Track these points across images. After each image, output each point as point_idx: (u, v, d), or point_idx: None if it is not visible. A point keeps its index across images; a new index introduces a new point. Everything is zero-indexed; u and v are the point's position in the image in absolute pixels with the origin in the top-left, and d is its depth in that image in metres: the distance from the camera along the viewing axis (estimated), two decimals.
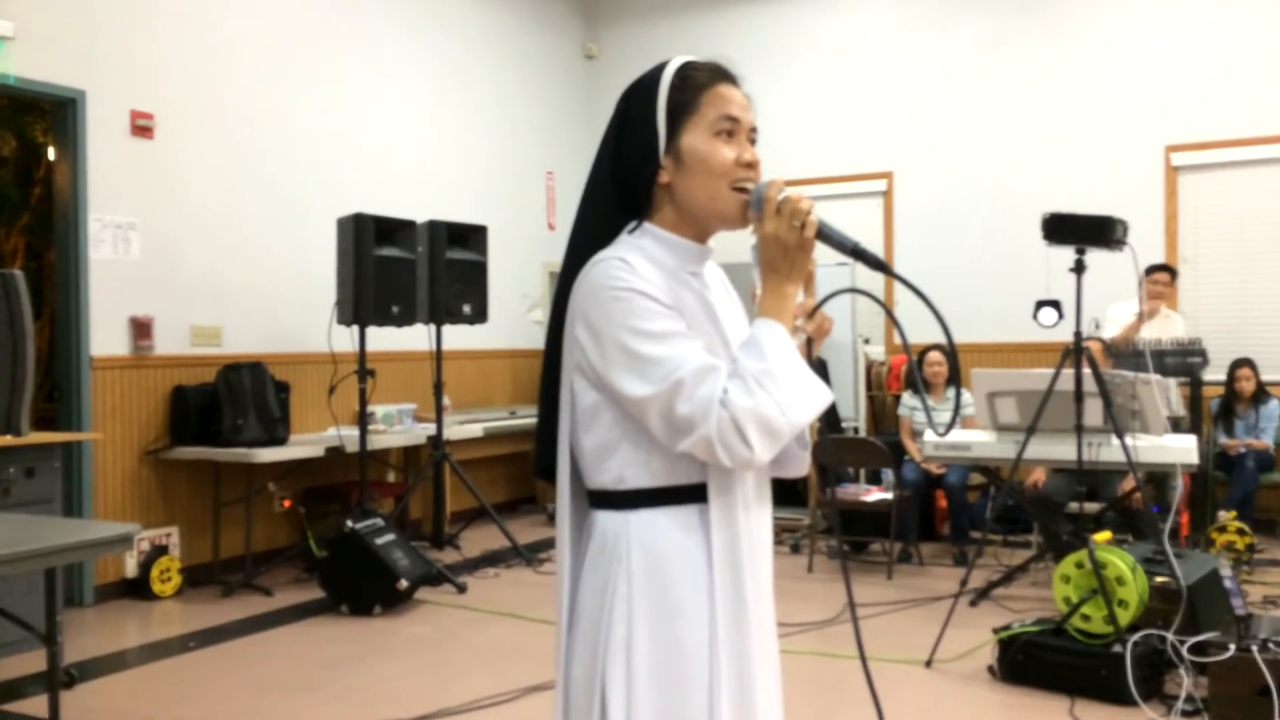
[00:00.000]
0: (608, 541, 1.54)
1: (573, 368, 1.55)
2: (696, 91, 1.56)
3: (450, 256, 6.40)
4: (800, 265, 1.52)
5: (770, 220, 1.50)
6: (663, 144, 1.55)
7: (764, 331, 1.48)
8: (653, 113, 1.56)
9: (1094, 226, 4.47)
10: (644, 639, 1.49)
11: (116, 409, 5.59)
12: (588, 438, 1.55)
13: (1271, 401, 6.82)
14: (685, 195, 1.55)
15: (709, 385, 1.42)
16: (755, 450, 1.41)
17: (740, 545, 1.53)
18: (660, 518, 1.52)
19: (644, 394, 1.44)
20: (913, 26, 8.28)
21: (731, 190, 1.54)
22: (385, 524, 5.50)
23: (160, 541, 5.73)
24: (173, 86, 5.91)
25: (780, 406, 1.42)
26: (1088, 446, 4.84)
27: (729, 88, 1.57)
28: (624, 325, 1.45)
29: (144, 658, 4.62)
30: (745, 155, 1.55)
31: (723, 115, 1.54)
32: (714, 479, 1.52)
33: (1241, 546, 5.72)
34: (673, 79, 1.57)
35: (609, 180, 1.61)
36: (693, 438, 1.42)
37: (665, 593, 1.50)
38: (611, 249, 1.54)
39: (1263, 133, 7.16)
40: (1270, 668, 3.47)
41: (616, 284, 1.47)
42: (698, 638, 1.50)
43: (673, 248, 1.58)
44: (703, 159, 1.53)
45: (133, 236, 5.70)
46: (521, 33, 8.71)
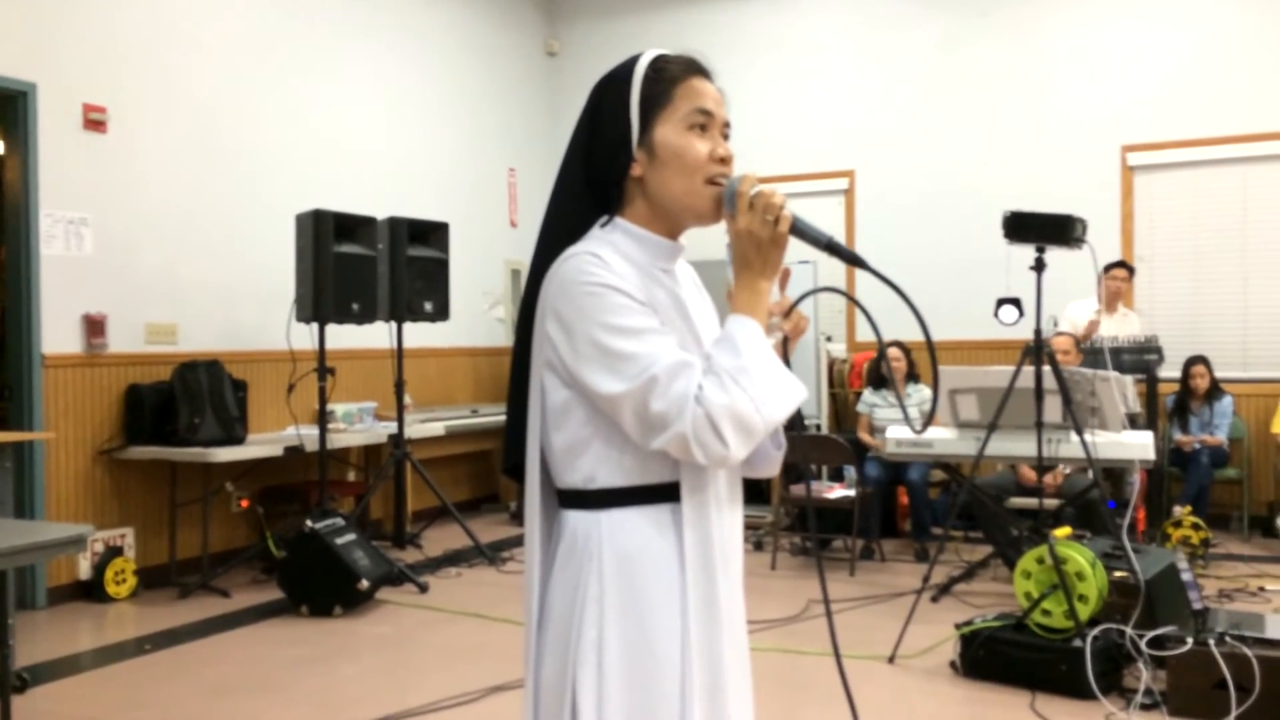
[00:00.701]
0: (578, 541, 1.52)
1: (543, 364, 1.52)
2: (670, 84, 1.54)
3: (411, 253, 6.34)
4: (774, 261, 1.50)
5: (743, 215, 1.48)
6: (635, 137, 1.53)
7: (738, 327, 1.46)
8: (625, 105, 1.54)
9: (1054, 225, 4.51)
10: (615, 640, 1.47)
11: (69, 408, 5.48)
12: (558, 436, 1.52)
13: (1225, 398, 6.92)
14: (658, 189, 1.54)
15: (683, 381, 1.40)
16: (731, 447, 1.40)
17: (713, 545, 1.51)
18: (632, 517, 1.50)
19: (617, 391, 1.42)
20: (874, 26, 8.33)
21: (705, 184, 1.52)
22: (345, 524, 5.44)
23: (115, 543, 5.63)
24: (127, 79, 5.80)
25: (755, 403, 1.40)
26: (1047, 443, 4.89)
27: (702, 81, 1.56)
28: (597, 321, 1.43)
29: (98, 661, 4.53)
30: (719, 150, 1.54)
31: (696, 109, 1.53)
32: (686, 478, 1.50)
33: (1196, 541, 5.81)
34: (646, 71, 1.55)
35: (580, 174, 1.59)
36: (667, 435, 1.41)
37: (636, 593, 1.48)
38: (583, 244, 1.52)
39: (1216, 133, 7.27)
40: (1227, 661, 3.52)
41: (589, 279, 1.45)
42: (669, 639, 1.48)
43: (644, 244, 1.56)
44: (676, 152, 1.52)
45: (85, 232, 5.59)
46: (483, 29, 8.66)
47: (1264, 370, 7.16)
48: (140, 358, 5.81)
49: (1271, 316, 7.17)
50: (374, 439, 6.62)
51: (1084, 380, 5.14)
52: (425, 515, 7.31)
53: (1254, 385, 7.14)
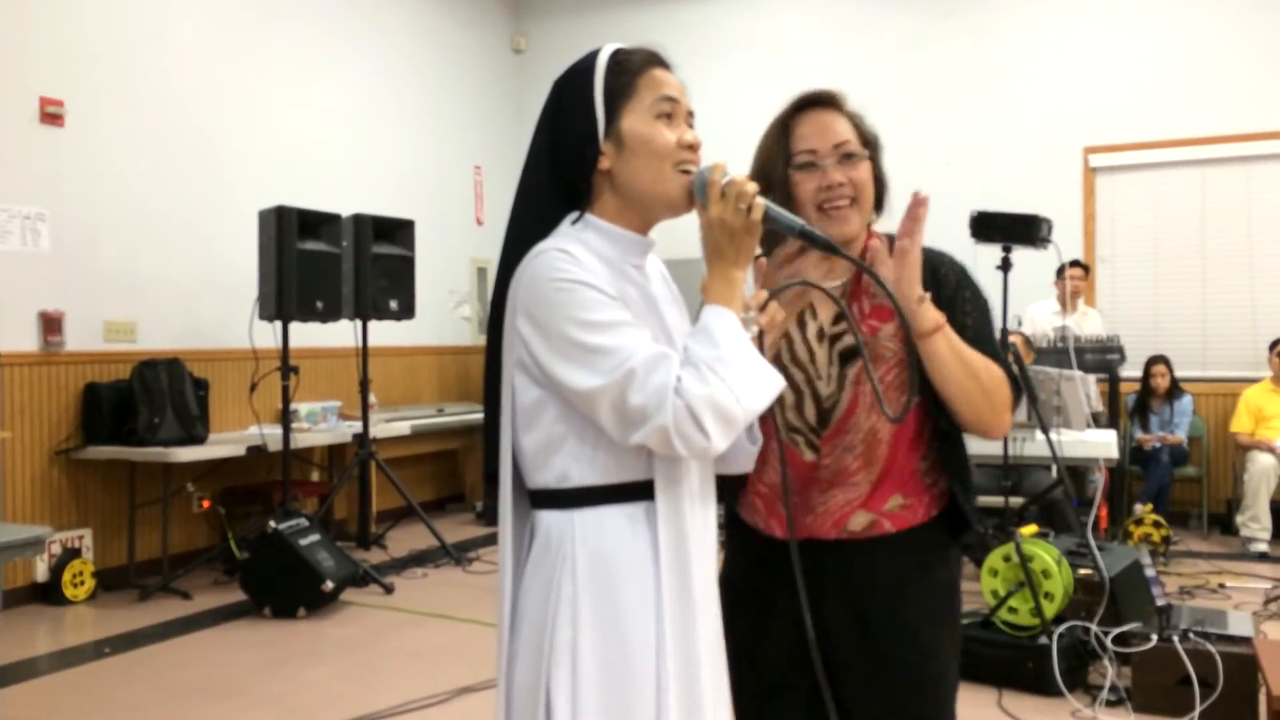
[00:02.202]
0: (551, 542, 1.50)
1: (514, 364, 1.50)
2: (633, 75, 1.53)
3: (376, 251, 6.28)
4: (747, 249, 1.49)
5: (715, 205, 1.47)
6: (602, 129, 1.51)
7: (714, 318, 1.45)
8: (590, 98, 1.52)
9: (1020, 225, 4.55)
10: (590, 641, 1.45)
11: (25, 407, 5.37)
12: (529, 436, 1.50)
13: (1185, 397, 7.02)
14: (628, 180, 1.52)
15: (662, 374, 1.39)
16: (712, 438, 1.38)
17: (688, 543, 1.50)
18: (606, 516, 1.48)
19: (594, 385, 1.40)
20: (838, 28, 8.36)
21: (675, 172, 1.51)
22: (309, 524, 5.37)
23: (72, 544, 5.52)
24: (86, 72, 5.69)
25: (735, 393, 1.39)
26: (1012, 442, 4.93)
27: (664, 71, 1.55)
28: (569, 317, 1.41)
29: (56, 665, 4.45)
30: (687, 136, 1.53)
31: (661, 97, 1.52)
32: (660, 475, 1.48)
33: (1158, 538, 5.88)
34: (607, 64, 1.53)
35: (545, 171, 1.56)
36: (647, 428, 1.39)
37: (611, 594, 1.46)
38: (551, 240, 1.50)
39: (1177, 135, 7.36)
40: (1191, 657, 3.56)
41: (559, 275, 1.43)
42: (644, 639, 1.46)
43: (614, 239, 1.54)
44: (645, 140, 1.50)
45: (42, 228, 5.48)
46: (449, 26, 8.59)
47: (1222, 370, 7.26)
48: (98, 356, 5.71)
49: (1230, 317, 7.28)
50: (338, 438, 6.55)
51: (1049, 379, 5.19)
52: (390, 515, 7.25)
53: (1213, 384, 7.24)
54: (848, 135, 1.81)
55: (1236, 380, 7.10)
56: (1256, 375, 6.94)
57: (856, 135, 1.82)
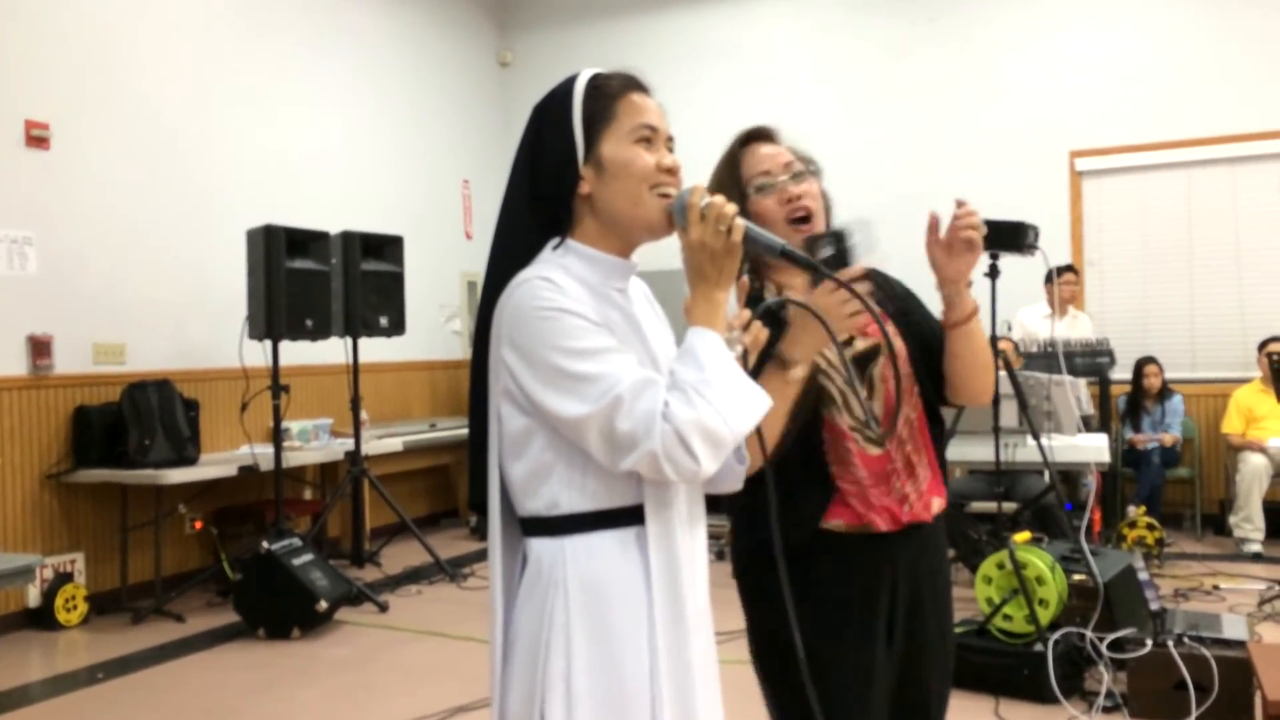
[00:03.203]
0: (543, 569, 1.49)
1: (500, 393, 1.50)
2: (611, 100, 1.53)
3: (365, 268, 6.28)
4: (729, 271, 1.49)
5: (695, 227, 1.47)
6: (581, 154, 1.52)
7: (698, 340, 1.45)
8: (569, 123, 1.52)
9: (1007, 232, 4.52)
10: (583, 669, 1.45)
11: (15, 431, 5.35)
12: (518, 465, 1.50)
13: (1175, 397, 7.04)
14: (608, 204, 1.52)
15: (649, 399, 1.39)
16: (701, 462, 1.38)
17: (679, 565, 1.50)
18: (596, 542, 1.48)
19: (582, 413, 1.40)
20: (824, 34, 8.38)
21: (654, 195, 1.51)
22: (302, 543, 5.36)
23: (64, 568, 5.50)
24: (70, 95, 5.68)
25: (722, 415, 1.39)
26: (1005, 447, 4.93)
27: (642, 96, 1.56)
28: (554, 345, 1.41)
29: (49, 691, 4.42)
30: (666, 160, 1.53)
31: (640, 123, 1.52)
32: (650, 499, 1.48)
33: (1151, 541, 5.89)
34: (585, 89, 1.54)
35: (526, 198, 1.57)
36: (636, 454, 1.39)
37: (604, 621, 1.46)
38: (534, 268, 1.50)
39: (1162, 138, 7.39)
40: (1186, 662, 3.56)
41: (542, 303, 1.43)
42: (638, 665, 1.46)
43: (596, 264, 1.54)
44: (624, 164, 1.51)
45: (29, 251, 5.47)
46: (435, 40, 8.60)
47: (1212, 371, 7.29)
48: (88, 378, 5.69)
49: (1218, 318, 7.30)
50: (330, 456, 6.53)
51: (1039, 385, 5.20)
52: (384, 532, 7.23)
53: (1202, 385, 7.26)
54: (793, 158, 1.98)
55: (1226, 381, 7.12)
56: (1246, 376, 6.96)
57: (799, 160, 2.00)
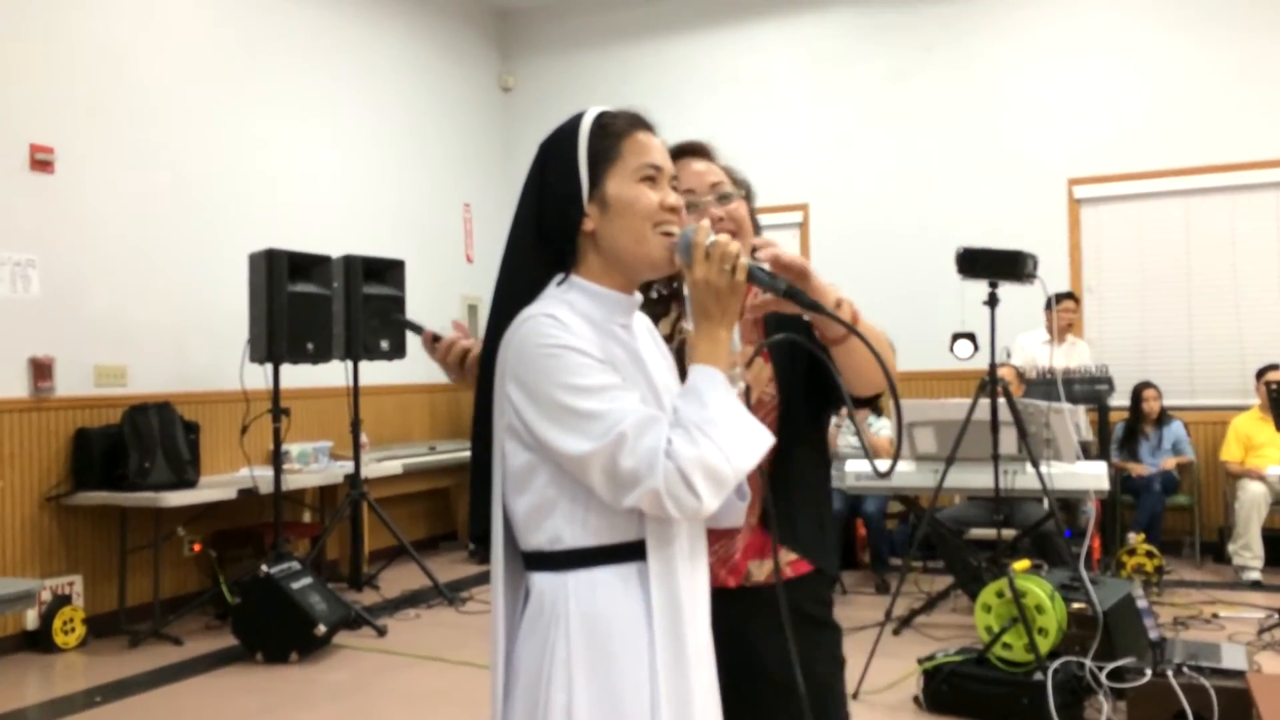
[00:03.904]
0: (545, 604, 1.50)
1: (504, 429, 1.52)
2: (617, 139, 1.55)
3: (367, 291, 6.30)
4: (732, 309, 1.52)
5: (700, 265, 1.50)
6: (586, 191, 1.54)
7: (702, 378, 1.47)
8: (574, 161, 1.55)
9: (1006, 261, 4.58)
10: (584, 703, 1.46)
11: (15, 454, 5.35)
12: (521, 499, 1.52)
13: (1174, 423, 7.05)
14: (612, 241, 1.54)
15: (652, 437, 1.40)
16: (703, 499, 1.40)
17: (681, 601, 1.50)
18: (599, 577, 1.49)
19: (585, 450, 1.42)
20: (823, 61, 8.44)
21: (657, 233, 1.53)
22: (301, 567, 5.35)
23: (63, 591, 5.49)
24: (74, 120, 5.72)
25: (725, 453, 1.41)
26: (1004, 475, 4.94)
27: (647, 135, 1.58)
28: (559, 383, 1.43)
29: (46, 715, 4.41)
30: (669, 199, 1.55)
31: (645, 163, 1.55)
32: (652, 535, 1.49)
33: (1151, 569, 5.88)
34: (591, 127, 1.56)
35: (532, 233, 1.59)
36: (638, 491, 1.40)
37: (606, 656, 1.47)
38: (538, 305, 1.52)
39: (1160, 166, 7.43)
40: (1185, 692, 3.56)
41: (548, 341, 1.45)
42: (639, 701, 1.47)
43: (600, 300, 1.56)
44: (628, 203, 1.52)
45: (32, 274, 5.49)
46: (436, 65, 8.66)
47: (1211, 398, 7.30)
48: (89, 401, 5.70)
49: (1216, 345, 7.32)
50: (330, 479, 6.54)
51: (1038, 412, 5.21)
52: (383, 555, 7.22)
53: (1201, 413, 7.27)
54: (721, 178, 1.93)
55: (1225, 408, 7.13)
56: (1244, 403, 6.97)
57: (729, 180, 1.94)
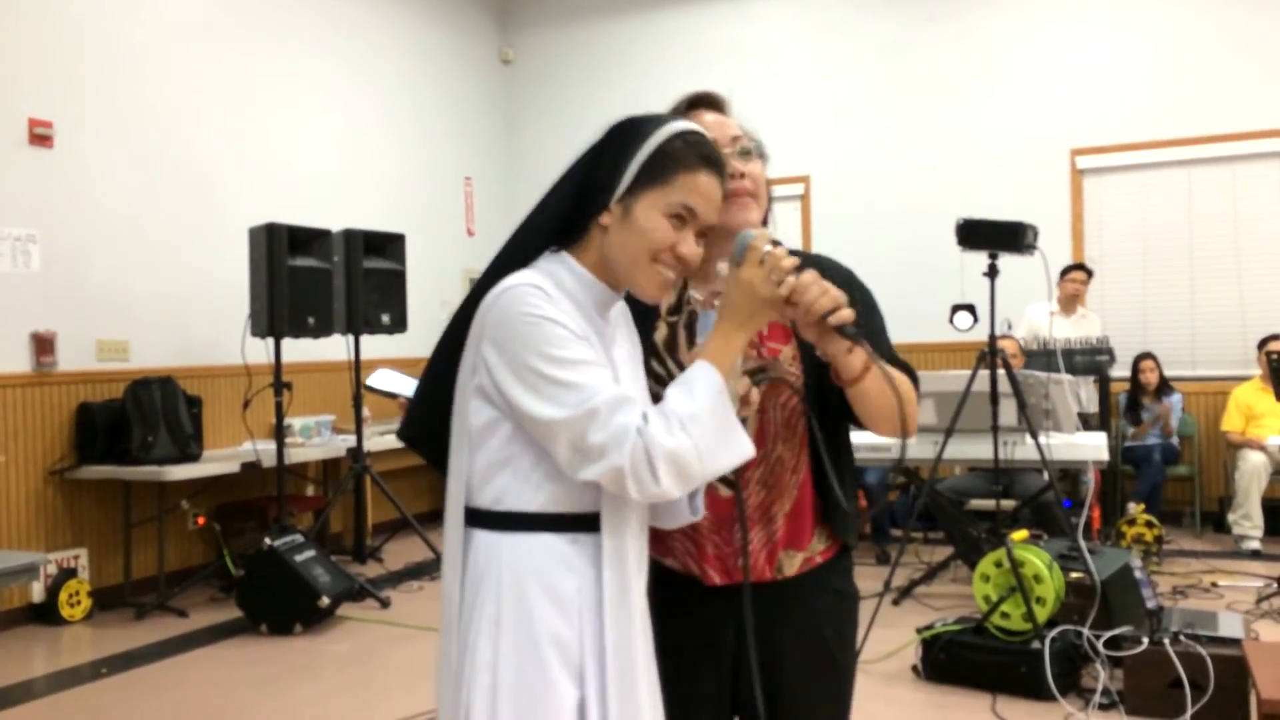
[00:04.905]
0: (480, 560, 1.53)
1: (473, 389, 1.53)
2: (677, 167, 1.52)
3: (367, 265, 6.29)
4: (760, 320, 1.52)
5: (750, 267, 1.50)
6: (619, 192, 1.52)
7: (700, 373, 1.48)
8: (627, 160, 1.53)
9: (1006, 232, 4.58)
10: (509, 661, 1.49)
11: (18, 429, 5.38)
12: (477, 456, 1.54)
13: (1174, 395, 7.06)
14: (613, 249, 1.54)
15: (624, 415, 1.42)
16: (664, 486, 1.42)
17: (629, 575, 1.53)
18: (536, 542, 1.52)
19: (555, 417, 1.43)
20: (824, 32, 8.38)
21: (652, 266, 1.52)
22: (305, 540, 5.39)
23: (68, 564, 5.53)
24: (73, 94, 5.70)
25: (699, 452, 1.43)
26: (1003, 445, 4.96)
27: (711, 182, 1.53)
28: (537, 351, 1.45)
29: (53, 686, 4.45)
30: (682, 247, 1.52)
31: (684, 203, 1.51)
32: (607, 508, 1.52)
33: (1150, 539, 5.91)
34: (663, 143, 1.52)
35: (567, 202, 1.57)
36: (601, 465, 1.42)
37: (532, 617, 1.49)
38: (527, 274, 1.53)
39: (1162, 136, 7.40)
40: (1182, 660, 3.59)
41: (530, 310, 1.46)
42: (565, 664, 1.49)
43: (585, 285, 1.57)
44: (644, 228, 1.51)
45: (32, 249, 5.49)
46: (436, 38, 8.61)
47: (1212, 369, 7.30)
48: (91, 375, 5.72)
49: (1218, 315, 7.32)
50: (332, 453, 6.56)
51: (1037, 383, 5.22)
52: (385, 528, 7.26)
53: (1202, 383, 7.28)
54: (740, 131, 1.78)
55: (1226, 379, 7.14)
56: (1246, 373, 6.98)
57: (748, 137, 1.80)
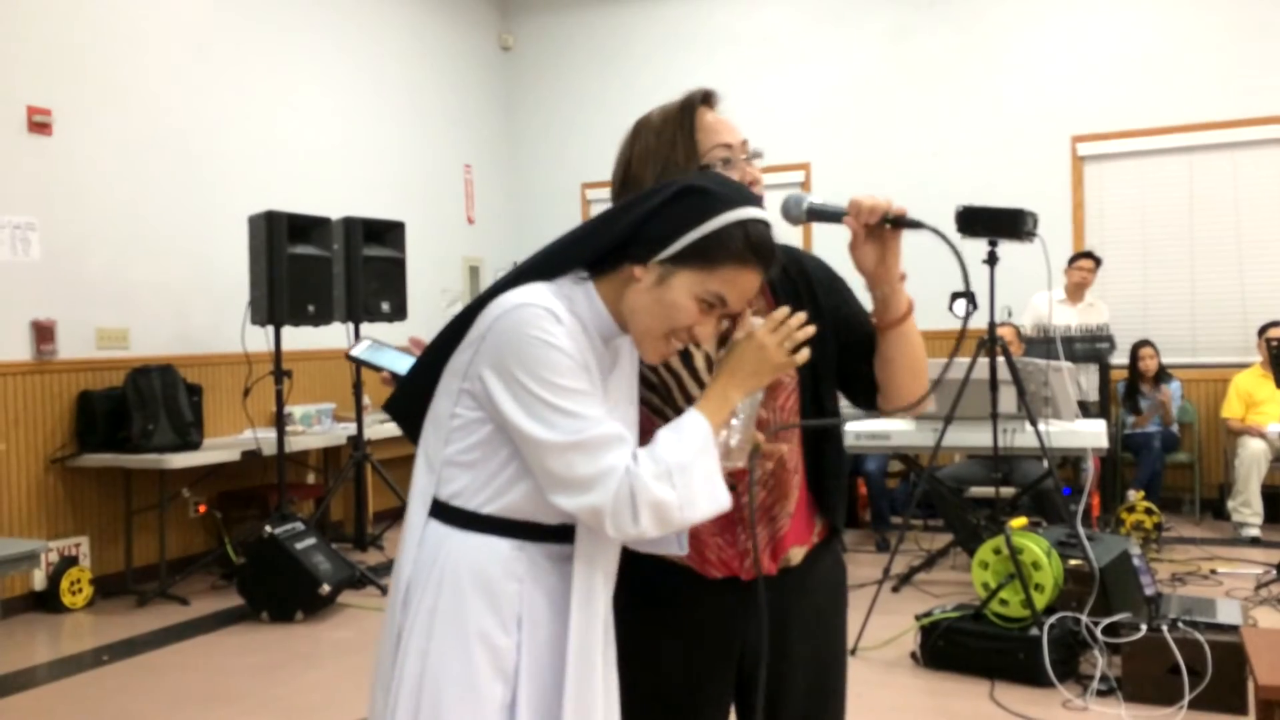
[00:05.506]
0: (428, 551, 1.55)
1: (462, 391, 1.53)
2: (724, 260, 1.48)
3: (367, 253, 6.29)
4: (759, 382, 1.53)
5: (768, 332, 1.51)
6: (664, 256, 1.48)
7: (693, 425, 1.48)
8: (685, 230, 1.48)
9: (1005, 219, 4.53)
10: (438, 654, 1.50)
11: (19, 417, 5.38)
12: (449, 448, 1.55)
13: (1173, 382, 7.06)
14: (636, 305, 1.51)
15: (616, 455, 1.43)
16: (642, 529, 1.43)
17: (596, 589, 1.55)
18: (484, 543, 1.53)
19: (547, 439, 1.43)
20: (825, 19, 8.36)
21: (663, 341, 1.51)
22: (305, 527, 5.40)
23: (69, 552, 5.54)
24: (72, 81, 5.69)
25: (681, 503, 1.44)
26: (1003, 433, 4.96)
27: (754, 276, 1.51)
28: (539, 376, 1.45)
29: (55, 674, 4.47)
30: (700, 329, 1.51)
31: (719, 293, 1.49)
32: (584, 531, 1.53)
33: (1150, 526, 5.91)
34: (725, 228, 1.48)
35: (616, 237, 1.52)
36: (583, 500, 1.43)
37: (466, 615, 1.50)
38: (544, 293, 1.50)
39: (1164, 123, 7.38)
40: (1180, 646, 3.60)
41: (539, 334, 1.45)
42: (495, 666, 1.50)
43: (598, 316, 1.55)
44: (671, 305, 1.48)
45: (32, 237, 5.49)
46: (436, 25, 8.59)
47: (1212, 355, 7.30)
48: (91, 363, 5.72)
49: (1218, 302, 7.31)
50: (333, 441, 6.57)
51: (1037, 371, 5.21)
52: (386, 516, 7.27)
53: (1203, 370, 7.28)
54: (744, 137, 1.75)
55: (1226, 366, 7.13)
56: (1246, 360, 6.97)
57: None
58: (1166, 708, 3.60)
